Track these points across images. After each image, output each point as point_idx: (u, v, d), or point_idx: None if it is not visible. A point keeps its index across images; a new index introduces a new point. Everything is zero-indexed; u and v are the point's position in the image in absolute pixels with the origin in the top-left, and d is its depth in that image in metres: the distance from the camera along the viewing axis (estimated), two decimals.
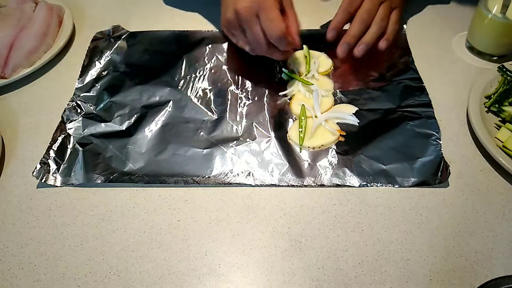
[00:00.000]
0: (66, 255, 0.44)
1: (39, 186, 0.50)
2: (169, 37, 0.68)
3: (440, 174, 0.48)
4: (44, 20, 0.68)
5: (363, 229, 0.45)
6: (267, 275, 0.42)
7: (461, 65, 0.62)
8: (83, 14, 0.75)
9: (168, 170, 0.50)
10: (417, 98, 0.56)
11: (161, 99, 0.58)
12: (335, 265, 0.42)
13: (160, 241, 0.45)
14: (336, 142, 0.52)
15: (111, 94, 0.59)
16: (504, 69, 0.56)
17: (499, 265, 0.42)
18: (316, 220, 0.46)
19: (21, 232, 0.46)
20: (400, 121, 0.54)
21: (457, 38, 0.66)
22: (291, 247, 0.44)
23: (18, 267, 0.43)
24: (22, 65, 0.63)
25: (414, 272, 0.41)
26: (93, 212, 0.47)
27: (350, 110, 0.55)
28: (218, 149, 0.52)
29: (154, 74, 0.61)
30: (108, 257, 0.44)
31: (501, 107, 0.53)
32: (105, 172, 0.50)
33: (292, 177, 0.49)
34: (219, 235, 0.45)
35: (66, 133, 0.54)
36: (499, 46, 0.61)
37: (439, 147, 0.50)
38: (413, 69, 0.60)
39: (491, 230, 0.44)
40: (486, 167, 0.50)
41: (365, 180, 0.48)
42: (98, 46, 0.67)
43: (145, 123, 0.55)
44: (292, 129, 0.54)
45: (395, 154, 0.50)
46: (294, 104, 0.56)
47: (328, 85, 0.59)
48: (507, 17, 0.57)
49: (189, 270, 0.42)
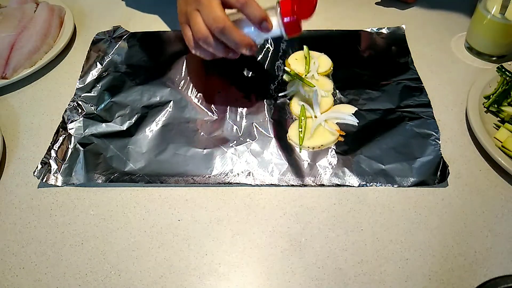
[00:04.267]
0: (67, 255, 0.44)
1: (40, 186, 0.50)
2: (170, 37, 0.68)
3: (439, 174, 0.48)
4: (45, 20, 0.68)
5: (363, 228, 0.45)
6: (267, 275, 0.42)
7: (460, 65, 0.62)
8: (84, 14, 0.75)
9: (169, 170, 0.50)
10: (416, 98, 0.56)
11: (162, 99, 0.58)
12: (335, 264, 0.42)
13: (160, 241, 0.45)
14: (336, 142, 0.52)
15: (112, 94, 0.59)
16: (503, 69, 0.56)
17: (498, 264, 0.42)
18: (315, 220, 0.46)
19: (22, 231, 0.46)
20: (399, 121, 0.54)
21: (456, 39, 0.67)
22: (291, 247, 0.44)
23: (19, 266, 0.44)
24: (23, 65, 0.63)
25: (413, 272, 0.42)
26: (94, 212, 0.48)
27: (350, 110, 0.55)
28: (218, 149, 0.52)
29: (155, 75, 0.62)
30: (109, 256, 0.44)
31: (500, 107, 0.53)
32: (106, 172, 0.50)
33: (292, 177, 0.49)
34: (219, 234, 0.45)
35: (67, 133, 0.54)
36: (498, 46, 0.61)
37: (438, 147, 0.50)
38: (412, 69, 0.60)
39: (490, 230, 0.44)
40: (485, 167, 0.50)
41: (364, 180, 0.49)
42: (99, 46, 0.67)
43: (146, 123, 0.55)
44: (292, 129, 0.54)
45: (394, 154, 0.50)
46: (294, 104, 0.56)
47: (327, 85, 0.59)
48: (506, 18, 0.57)
49: (189, 269, 0.43)
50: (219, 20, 0.47)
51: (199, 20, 0.49)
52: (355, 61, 0.62)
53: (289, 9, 0.48)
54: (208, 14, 0.48)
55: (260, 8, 0.48)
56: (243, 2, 0.48)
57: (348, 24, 0.70)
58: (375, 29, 0.67)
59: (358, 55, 0.64)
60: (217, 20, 0.47)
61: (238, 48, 0.49)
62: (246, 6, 0.48)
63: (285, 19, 0.48)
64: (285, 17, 0.48)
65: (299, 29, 0.49)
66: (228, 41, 0.49)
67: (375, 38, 0.66)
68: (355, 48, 0.65)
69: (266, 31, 0.49)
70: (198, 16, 0.49)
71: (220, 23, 0.47)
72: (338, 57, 0.63)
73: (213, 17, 0.47)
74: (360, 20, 0.70)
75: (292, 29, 0.49)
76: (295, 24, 0.49)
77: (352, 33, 0.67)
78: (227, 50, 0.51)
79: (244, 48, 0.49)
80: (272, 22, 0.49)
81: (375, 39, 0.66)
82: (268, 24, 0.48)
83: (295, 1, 0.48)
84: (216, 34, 0.48)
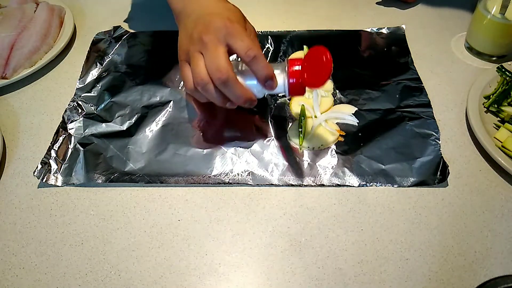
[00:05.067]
0: (67, 255, 0.44)
1: (40, 186, 0.50)
2: (170, 37, 0.68)
3: (439, 174, 0.48)
4: (45, 20, 0.68)
5: (363, 228, 0.45)
6: (267, 275, 0.42)
7: (460, 65, 0.63)
8: (84, 14, 0.75)
9: (169, 170, 0.50)
10: (416, 98, 0.56)
11: (162, 99, 0.58)
12: (335, 264, 0.42)
13: (160, 241, 0.45)
14: (336, 142, 0.52)
15: (112, 94, 0.59)
16: (503, 69, 0.56)
17: (498, 264, 0.42)
18: (315, 220, 0.46)
19: (22, 231, 0.46)
20: (399, 121, 0.54)
21: (456, 39, 0.67)
22: (290, 247, 0.44)
23: (19, 266, 0.44)
24: (23, 65, 0.63)
25: (413, 272, 0.42)
26: (94, 212, 0.48)
27: (350, 110, 0.55)
28: (218, 149, 0.52)
29: (155, 75, 0.62)
30: (109, 256, 0.44)
31: (500, 107, 0.53)
32: (106, 172, 0.50)
33: (292, 176, 0.49)
34: (219, 234, 0.45)
35: (67, 133, 0.54)
36: (498, 46, 0.61)
37: (438, 147, 0.50)
38: (412, 69, 0.60)
39: (490, 230, 0.44)
40: (485, 167, 0.50)
41: (364, 180, 0.49)
42: (99, 46, 0.67)
43: (146, 123, 0.55)
44: (292, 129, 0.54)
45: (394, 154, 0.50)
46: (294, 104, 0.56)
47: (327, 85, 0.59)
48: (506, 18, 0.57)
49: (189, 269, 0.43)
50: (223, 71, 0.44)
51: (201, 64, 0.45)
52: (355, 61, 0.62)
53: (298, 73, 0.45)
54: (212, 61, 0.44)
55: (268, 66, 0.45)
56: (252, 57, 0.44)
57: (348, 24, 0.70)
58: (375, 29, 0.67)
59: (358, 55, 0.64)
60: (221, 70, 0.44)
61: (237, 101, 0.47)
62: (254, 62, 0.45)
63: (291, 81, 0.46)
64: (291, 80, 0.46)
65: (304, 92, 0.47)
66: (228, 93, 0.46)
67: (375, 38, 0.66)
68: (355, 48, 0.65)
69: (270, 89, 0.47)
70: (201, 59, 0.46)
71: (223, 74, 0.44)
72: (338, 57, 0.62)
73: (217, 66, 0.44)
74: (360, 20, 0.70)
75: (296, 91, 0.47)
76: (300, 88, 0.46)
77: (352, 33, 0.67)
78: (225, 101, 0.47)
79: (244, 103, 0.47)
80: (278, 80, 0.46)
81: (375, 39, 0.66)
82: (273, 83, 0.46)
83: (305, 65, 0.45)
84: (217, 84, 0.45)
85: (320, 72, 0.43)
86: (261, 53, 0.45)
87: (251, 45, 0.45)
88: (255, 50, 0.44)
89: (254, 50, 0.44)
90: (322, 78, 0.43)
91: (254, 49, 0.44)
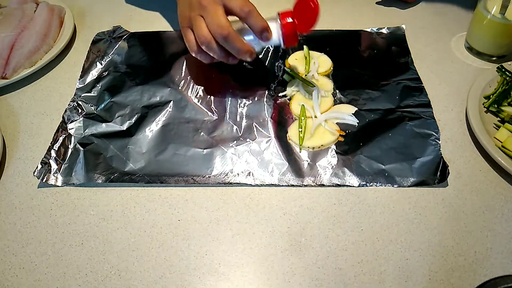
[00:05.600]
0: (67, 255, 0.44)
1: (40, 186, 0.50)
2: (170, 37, 0.68)
3: (439, 174, 0.48)
4: (45, 20, 0.68)
5: (363, 228, 0.45)
6: (267, 275, 0.42)
7: (460, 65, 0.63)
8: (84, 14, 0.75)
9: (169, 170, 0.50)
10: (416, 98, 0.56)
11: (162, 99, 0.58)
12: (335, 264, 0.42)
13: (160, 241, 0.45)
14: (336, 142, 0.52)
15: (112, 94, 0.59)
16: (503, 69, 0.56)
17: (498, 264, 0.42)
18: (315, 220, 0.46)
19: (22, 231, 0.46)
20: (399, 121, 0.54)
21: (456, 39, 0.67)
22: (290, 247, 0.44)
23: (19, 266, 0.44)
24: (23, 65, 0.63)
25: (413, 272, 0.42)
26: (94, 212, 0.48)
27: (350, 110, 0.55)
28: (218, 149, 0.52)
29: (155, 75, 0.62)
30: (109, 256, 0.44)
31: (500, 107, 0.53)
32: (106, 172, 0.50)
33: (292, 177, 0.49)
34: (219, 234, 0.45)
35: (67, 133, 0.54)
36: (498, 46, 0.61)
37: (438, 147, 0.50)
38: (412, 69, 0.60)
39: (490, 230, 0.44)
40: (485, 167, 0.50)
41: (364, 180, 0.49)
42: (99, 46, 0.67)
43: (146, 123, 0.55)
44: (292, 129, 0.54)
45: (394, 154, 0.50)
46: (294, 104, 0.56)
47: (327, 85, 0.59)
48: (506, 18, 0.57)
49: (189, 269, 0.43)
50: (223, 28, 0.49)
51: (203, 25, 0.51)
52: (355, 61, 0.62)
53: (289, 21, 0.51)
54: (213, 21, 0.50)
55: (262, 18, 0.51)
56: (247, 12, 0.50)
57: (348, 24, 0.70)
58: (375, 29, 0.67)
59: (358, 55, 0.64)
60: (222, 27, 0.49)
61: (239, 55, 0.52)
62: (249, 16, 0.50)
63: (284, 30, 0.51)
64: (284, 28, 0.51)
65: (297, 40, 0.52)
66: (230, 48, 0.51)
67: (375, 38, 0.66)
68: (355, 48, 0.65)
69: (266, 40, 0.52)
70: (202, 21, 0.51)
71: (224, 30, 0.49)
72: (338, 57, 0.63)
73: (218, 24, 0.50)
74: (360, 20, 0.70)
75: (290, 40, 0.52)
76: (293, 36, 0.52)
77: (352, 33, 0.67)
78: (228, 56, 0.53)
79: (244, 55, 0.52)
80: (272, 32, 0.51)
81: (375, 39, 0.66)
82: (269, 34, 0.51)
83: (295, 14, 0.50)
84: (220, 40, 0.50)
85: (310, 17, 0.49)
86: (255, 8, 0.50)
87: (245, 2, 0.50)
88: (250, 6, 0.50)
89: (248, 5, 0.50)
90: (312, 22, 0.49)
91: (249, 5, 0.50)
